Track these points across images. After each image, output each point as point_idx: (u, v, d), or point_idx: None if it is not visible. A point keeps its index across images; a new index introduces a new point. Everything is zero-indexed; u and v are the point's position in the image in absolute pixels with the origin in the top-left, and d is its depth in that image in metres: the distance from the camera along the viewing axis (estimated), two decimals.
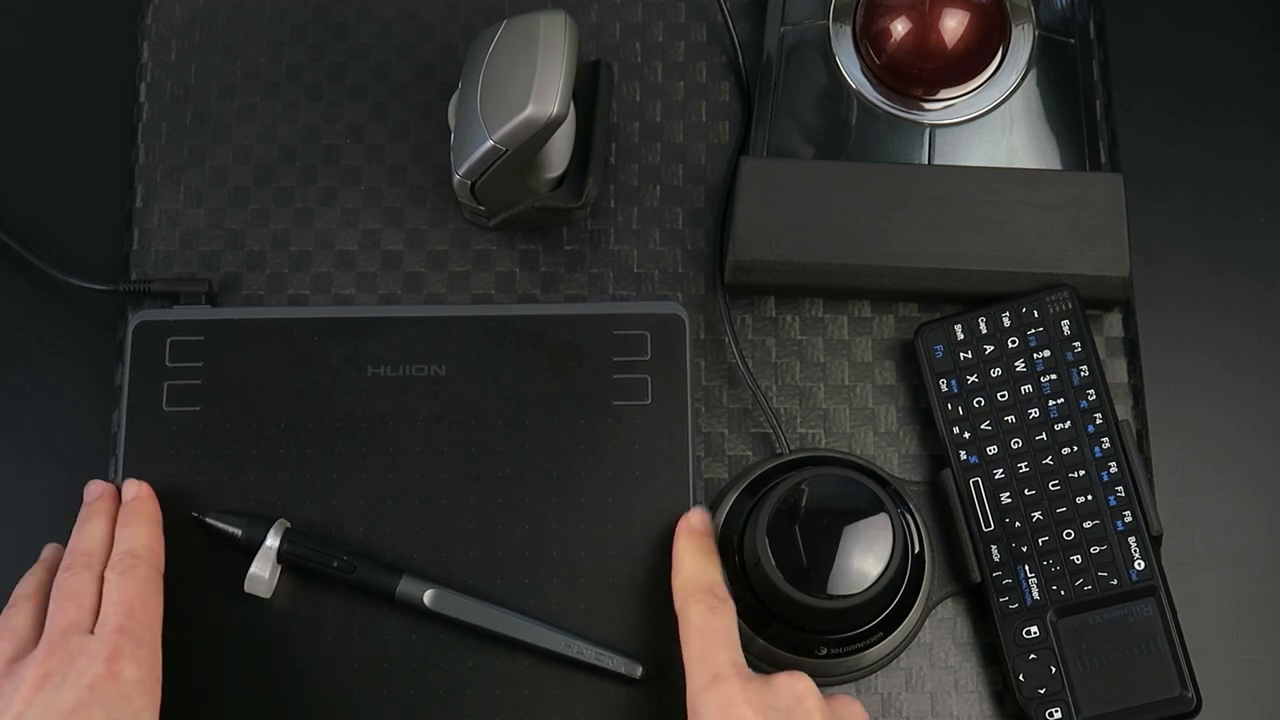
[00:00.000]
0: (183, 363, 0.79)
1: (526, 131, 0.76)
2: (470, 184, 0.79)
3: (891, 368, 0.82)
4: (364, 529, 0.77)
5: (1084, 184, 0.81)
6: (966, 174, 0.81)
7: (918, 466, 0.80)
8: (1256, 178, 0.86)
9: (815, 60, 0.85)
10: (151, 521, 0.75)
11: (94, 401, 0.79)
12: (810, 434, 0.81)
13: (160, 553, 0.74)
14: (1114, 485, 0.77)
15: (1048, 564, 0.76)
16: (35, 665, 0.68)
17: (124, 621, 0.70)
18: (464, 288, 0.83)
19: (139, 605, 0.71)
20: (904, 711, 0.77)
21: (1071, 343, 0.79)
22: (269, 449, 0.78)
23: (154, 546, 0.74)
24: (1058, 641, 0.75)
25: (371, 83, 0.86)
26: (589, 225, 0.84)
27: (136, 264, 0.83)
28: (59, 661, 0.68)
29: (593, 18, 0.87)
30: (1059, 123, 0.84)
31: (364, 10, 0.87)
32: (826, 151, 0.84)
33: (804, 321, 0.82)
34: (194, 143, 0.85)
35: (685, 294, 0.83)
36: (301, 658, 0.75)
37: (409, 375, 0.79)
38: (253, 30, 0.87)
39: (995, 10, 0.84)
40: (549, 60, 0.76)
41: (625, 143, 0.85)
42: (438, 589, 0.75)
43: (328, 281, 0.83)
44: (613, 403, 0.79)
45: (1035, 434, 0.78)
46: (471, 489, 0.78)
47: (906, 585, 0.74)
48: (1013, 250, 0.80)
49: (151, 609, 0.71)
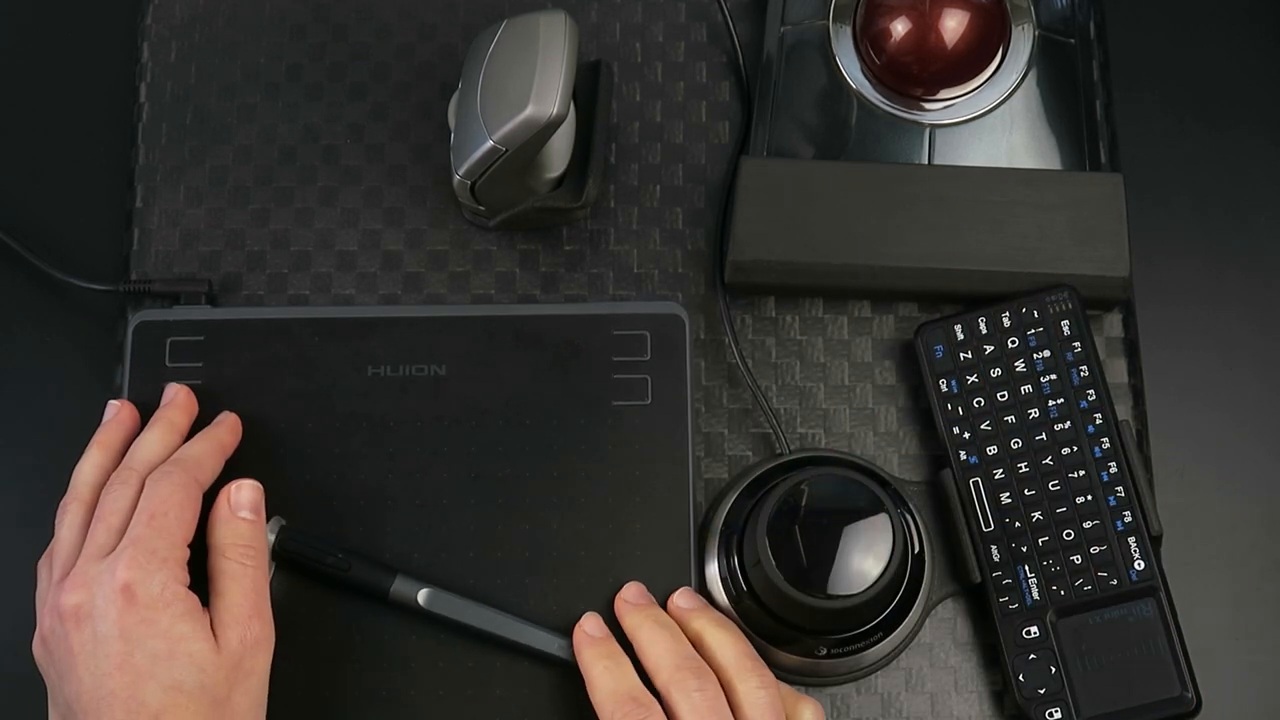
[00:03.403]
0: (183, 363, 0.79)
1: (526, 131, 0.76)
2: (470, 184, 0.79)
3: (891, 368, 0.82)
4: (364, 529, 0.77)
5: (1084, 184, 0.81)
6: (966, 174, 0.81)
7: (918, 466, 0.80)
8: (1256, 178, 0.86)
9: (815, 60, 0.85)
10: (216, 443, 0.75)
11: (94, 401, 0.79)
12: (810, 434, 0.81)
13: (209, 469, 0.74)
14: (1114, 485, 0.77)
15: (1048, 564, 0.76)
16: (67, 595, 0.68)
17: (141, 531, 0.69)
18: (464, 288, 0.83)
19: (161, 511, 0.70)
20: (904, 711, 0.77)
21: (1071, 343, 0.79)
22: (269, 449, 0.78)
23: (203, 461, 0.74)
24: (1058, 641, 0.75)
25: (371, 83, 0.86)
26: (589, 225, 0.84)
27: (136, 264, 0.83)
28: (86, 594, 0.68)
29: (593, 18, 0.87)
30: (1059, 123, 0.84)
31: (364, 10, 0.87)
32: (826, 151, 0.84)
33: (804, 321, 0.82)
34: (194, 143, 0.85)
35: (685, 294, 0.83)
36: (298, 656, 0.75)
37: (409, 375, 0.79)
38: (253, 30, 0.87)
39: (995, 10, 0.84)
40: (549, 60, 0.76)
41: (625, 143, 0.85)
42: (432, 589, 0.75)
43: (328, 281, 0.83)
44: (613, 403, 0.79)
45: (1035, 434, 0.78)
46: (471, 489, 0.78)
47: (906, 585, 0.74)
48: (1013, 250, 0.80)
49: (174, 515, 0.70)
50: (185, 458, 0.74)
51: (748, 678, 0.71)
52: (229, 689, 0.68)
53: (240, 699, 0.68)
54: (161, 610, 0.67)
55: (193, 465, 0.73)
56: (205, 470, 0.74)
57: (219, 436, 0.76)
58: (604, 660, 0.72)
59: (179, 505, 0.71)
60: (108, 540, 0.70)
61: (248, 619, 0.69)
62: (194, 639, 0.68)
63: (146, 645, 0.67)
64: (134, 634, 0.67)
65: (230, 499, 0.73)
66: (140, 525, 0.70)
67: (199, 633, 0.68)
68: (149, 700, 0.66)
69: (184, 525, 0.70)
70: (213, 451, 0.75)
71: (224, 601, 0.70)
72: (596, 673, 0.72)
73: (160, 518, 0.70)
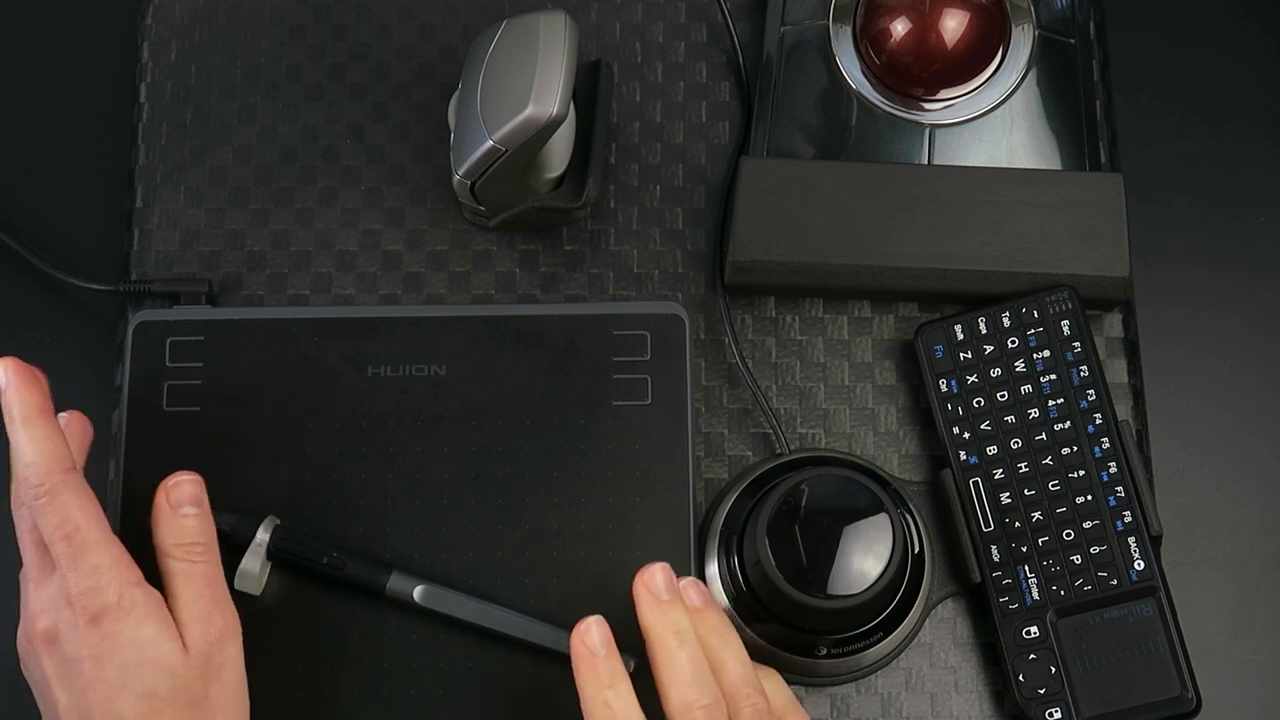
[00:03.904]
0: (183, 363, 0.79)
1: (526, 131, 0.76)
2: (470, 184, 0.79)
3: (891, 368, 0.82)
4: (364, 529, 0.77)
5: (1084, 184, 0.81)
6: (966, 174, 0.81)
7: (918, 466, 0.80)
8: (1256, 178, 0.86)
9: (815, 60, 0.85)
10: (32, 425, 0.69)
11: (94, 401, 0.79)
12: (810, 434, 0.81)
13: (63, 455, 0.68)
14: (1114, 485, 0.77)
15: (1048, 564, 0.76)
16: (34, 620, 0.68)
17: (63, 550, 0.67)
18: (464, 288, 0.83)
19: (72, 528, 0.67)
20: (904, 711, 0.77)
21: (1071, 343, 0.79)
22: (269, 449, 0.78)
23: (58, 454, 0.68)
24: (1057, 641, 0.75)
25: (371, 83, 0.86)
26: (589, 225, 0.84)
27: (136, 264, 0.83)
28: (49, 620, 0.67)
29: (593, 18, 0.87)
30: (1059, 123, 0.84)
31: (364, 10, 0.87)
32: (826, 151, 0.84)
33: (804, 321, 0.82)
34: (194, 143, 0.85)
35: (685, 294, 0.83)
36: (294, 655, 0.75)
37: (409, 375, 0.79)
38: (253, 30, 0.87)
39: (995, 10, 0.84)
40: (549, 60, 0.76)
41: (625, 143, 0.85)
42: (428, 585, 0.75)
43: (328, 282, 0.83)
44: (613, 403, 0.79)
45: (1035, 434, 0.78)
46: (471, 489, 0.78)
47: (906, 585, 0.74)
48: (1013, 250, 0.80)
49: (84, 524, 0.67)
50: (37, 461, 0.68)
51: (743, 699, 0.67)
52: (204, 686, 0.67)
53: (217, 694, 0.68)
54: (123, 620, 0.67)
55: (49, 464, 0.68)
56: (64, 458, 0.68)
57: (27, 416, 0.69)
58: (605, 691, 0.67)
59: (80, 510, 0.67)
60: (40, 557, 0.68)
61: (207, 615, 0.69)
62: (161, 641, 0.67)
63: (115, 658, 0.66)
64: (100, 650, 0.66)
65: (169, 497, 0.71)
66: (63, 551, 0.67)
67: (165, 633, 0.67)
68: (126, 712, 0.66)
69: (100, 525, 0.68)
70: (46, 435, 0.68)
71: (181, 602, 0.69)
72: (595, 708, 0.67)
73: (74, 534, 0.67)
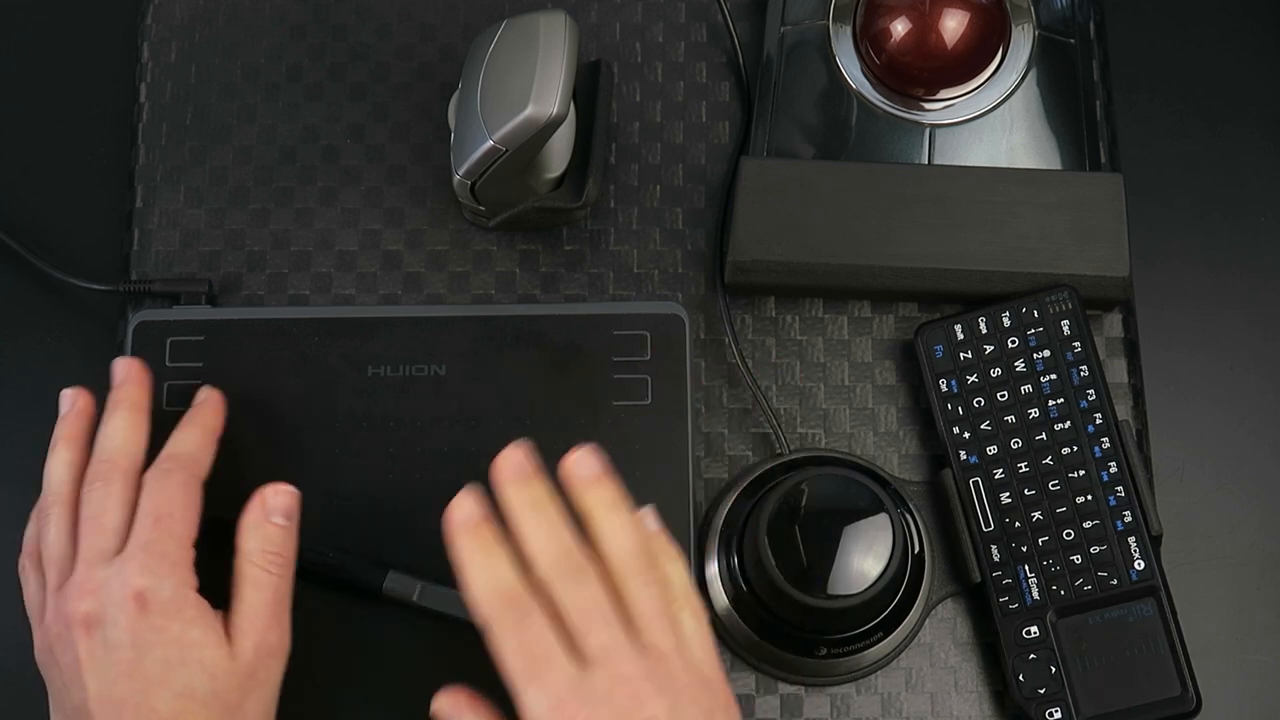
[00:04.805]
0: (183, 363, 0.79)
1: (526, 131, 0.76)
2: (470, 184, 0.79)
3: (891, 368, 0.82)
4: (364, 529, 0.77)
5: (1084, 184, 0.81)
6: (966, 174, 0.81)
7: (918, 466, 0.80)
8: (1256, 178, 0.86)
9: (815, 60, 0.85)
10: (206, 431, 0.73)
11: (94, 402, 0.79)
12: (810, 434, 0.81)
13: (205, 462, 0.72)
14: (1114, 485, 0.77)
15: (1048, 564, 0.76)
16: (75, 602, 0.67)
17: (149, 535, 0.68)
18: (464, 288, 0.83)
19: (166, 513, 0.69)
20: (904, 711, 0.77)
21: (1071, 343, 0.79)
22: (269, 449, 0.78)
23: (199, 455, 0.72)
24: (1057, 641, 0.75)
25: (371, 83, 0.86)
26: (589, 225, 0.84)
27: (136, 264, 0.83)
28: (96, 602, 0.67)
29: (593, 18, 0.87)
30: (1059, 123, 0.84)
31: (364, 10, 0.87)
32: (826, 151, 0.84)
33: (804, 321, 0.82)
34: (194, 143, 0.85)
35: (685, 294, 0.83)
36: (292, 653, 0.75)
37: (409, 375, 0.79)
38: (253, 30, 0.87)
39: (995, 10, 0.84)
40: (549, 60, 0.76)
41: (625, 143, 0.85)
42: (425, 584, 0.75)
43: (328, 281, 0.83)
44: (613, 403, 0.79)
45: (1035, 434, 0.78)
46: None
47: (906, 585, 0.74)
48: (1013, 250, 0.80)
49: (179, 516, 0.69)
50: (181, 453, 0.72)
51: (633, 575, 0.65)
52: (241, 696, 0.67)
53: (252, 706, 0.68)
54: (173, 616, 0.67)
55: (190, 462, 0.72)
56: (203, 464, 0.72)
57: (205, 422, 0.74)
58: (478, 553, 0.66)
59: (183, 506, 0.70)
60: (105, 542, 0.69)
61: (265, 628, 0.69)
62: (205, 645, 0.67)
63: (157, 652, 0.66)
64: (145, 641, 0.66)
65: (266, 503, 0.71)
66: (146, 529, 0.68)
67: (210, 638, 0.67)
68: (160, 707, 0.65)
69: (189, 526, 0.70)
70: (205, 443, 0.74)
71: (244, 607, 0.69)
72: (470, 567, 0.66)
73: (166, 520, 0.69)
